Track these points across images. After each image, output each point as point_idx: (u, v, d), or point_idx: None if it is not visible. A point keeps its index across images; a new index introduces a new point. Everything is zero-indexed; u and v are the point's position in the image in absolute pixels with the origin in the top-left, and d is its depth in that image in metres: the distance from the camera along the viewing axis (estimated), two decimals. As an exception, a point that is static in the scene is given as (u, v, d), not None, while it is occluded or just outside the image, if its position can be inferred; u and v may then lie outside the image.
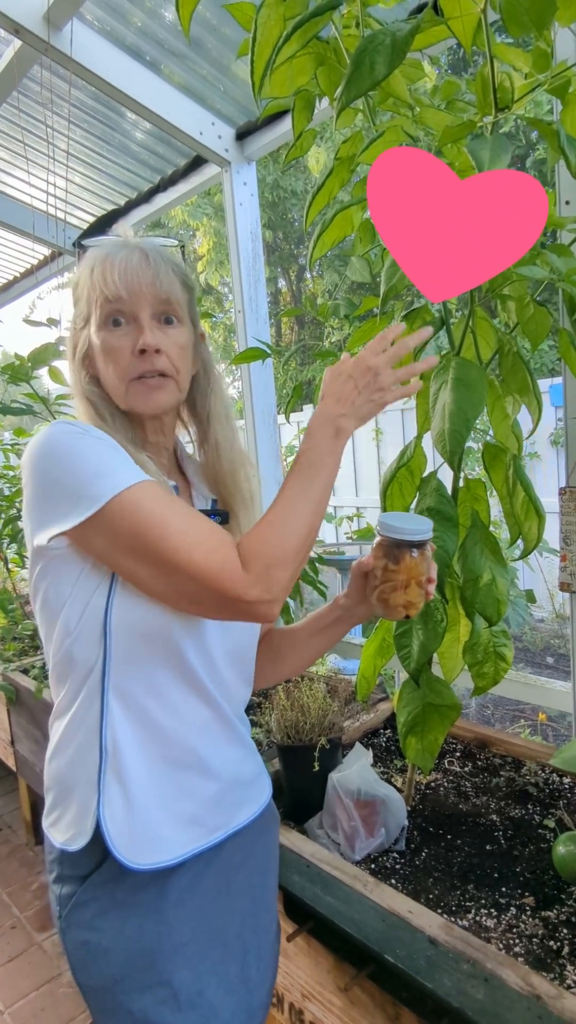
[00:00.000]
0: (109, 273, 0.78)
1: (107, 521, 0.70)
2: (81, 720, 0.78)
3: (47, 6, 1.59)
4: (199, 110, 2.01)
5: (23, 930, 2.11)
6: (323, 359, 1.66)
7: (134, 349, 0.79)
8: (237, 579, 0.71)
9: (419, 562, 0.83)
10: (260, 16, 0.83)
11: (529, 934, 0.98)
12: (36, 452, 0.74)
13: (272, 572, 0.72)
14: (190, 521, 0.73)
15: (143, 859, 0.77)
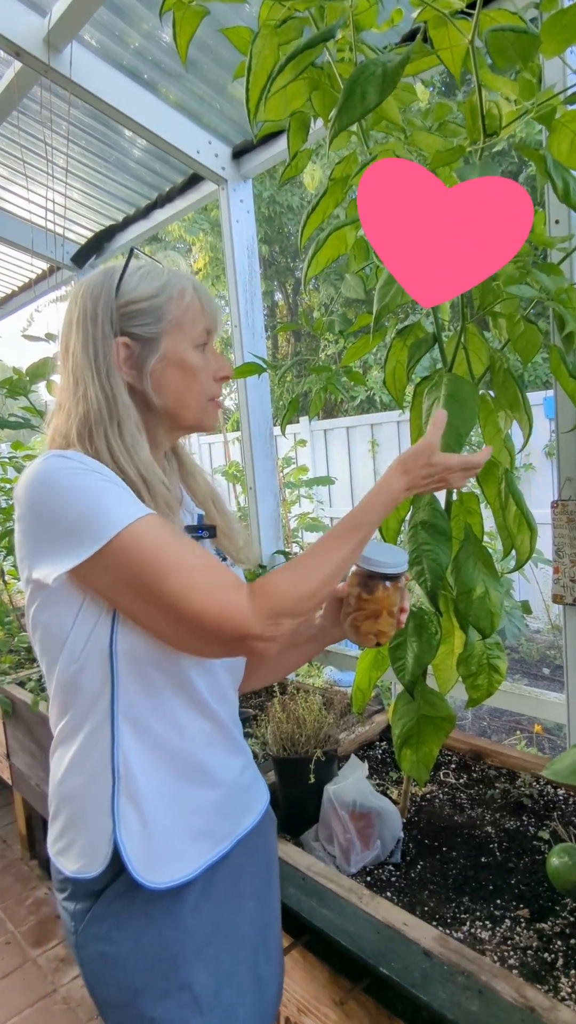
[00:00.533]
0: (210, 303, 0.86)
1: (108, 559, 0.70)
2: (91, 747, 0.78)
3: (47, 30, 1.63)
4: (196, 129, 2.04)
5: (17, 946, 2.10)
6: (318, 374, 1.68)
7: (215, 374, 0.86)
8: (239, 620, 0.72)
9: (391, 593, 0.86)
10: (255, 46, 0.86)
11: (524, 946, 0.99)
12: (32, 486, 0.73)
13: (282, 620, 0.75)
14: (190, 559, 0.72)
15: (162, 878, 0.78)
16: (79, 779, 0.80)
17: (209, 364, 0.86)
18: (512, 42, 0.71)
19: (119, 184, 2.55)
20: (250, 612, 0.73)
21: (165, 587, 0.70)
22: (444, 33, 0.85)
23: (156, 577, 0.70)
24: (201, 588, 0.71)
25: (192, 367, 0.84)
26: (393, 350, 1.28)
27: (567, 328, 1.00)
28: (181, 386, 0.84)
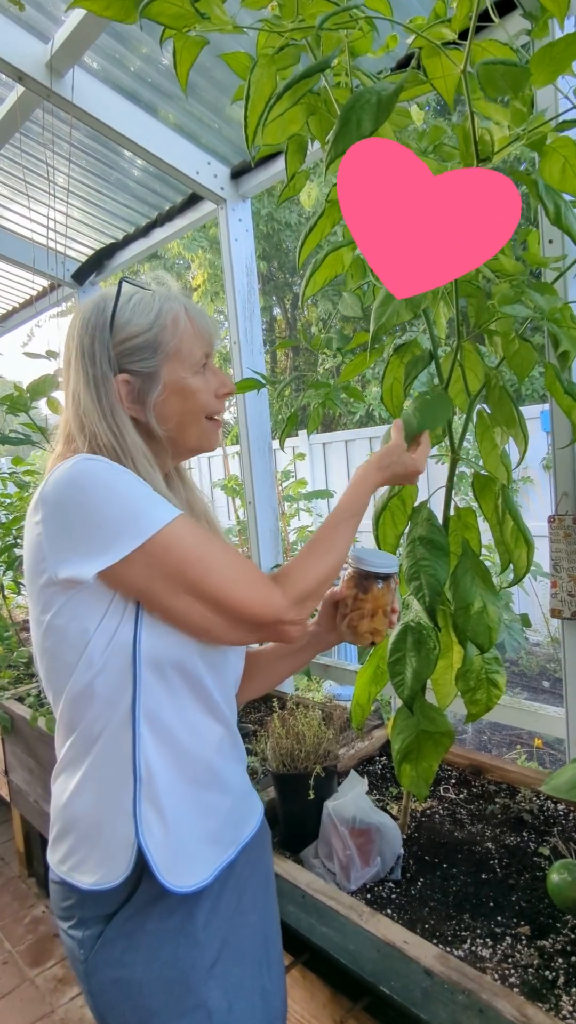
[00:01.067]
0: (205, 325, 0.87)
1: (149, 556, 0.72)
2: (111, 753, 0.78)
3: (49, 56, 1.66)
4: (195, 150, 2.08)
5: (15, 965, 2.07)
6: (316, 389, 1.70)
7: (216, 391, 0.88)
8: (276, 607, 0.80)
9: (385, 592, 0.94)
10: (253, 75, 0.88)
11: (524, 964, 0.98)
12: (66, 485, 0.73)
13: (307, 602, 0.84)
14: (227, 556, 0.78)
15: (184, 881, 0.78)
16: (95, 791, 0.80)
17: (209, 383, 0.88)
18: (503, 74, 0.73)
19: (119, 203, 2.59)
20: (283, 600, 0.81)
21: (210, 581, 0.75)
22: (437, 62, 0.87)
23: (201, 572, 0.75)
24: (243, 581, 0.78)
25: (192, 391, 0.85)
26: (390, 367, 1.30)
27: (561, 347, 1.01)
28: (182, 412, 0.86)
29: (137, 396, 0.83)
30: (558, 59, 0.74)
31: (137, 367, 0.82)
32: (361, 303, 1.40)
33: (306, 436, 6.57)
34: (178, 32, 0.85)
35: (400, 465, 0.98)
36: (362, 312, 1.42)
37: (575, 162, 0.85)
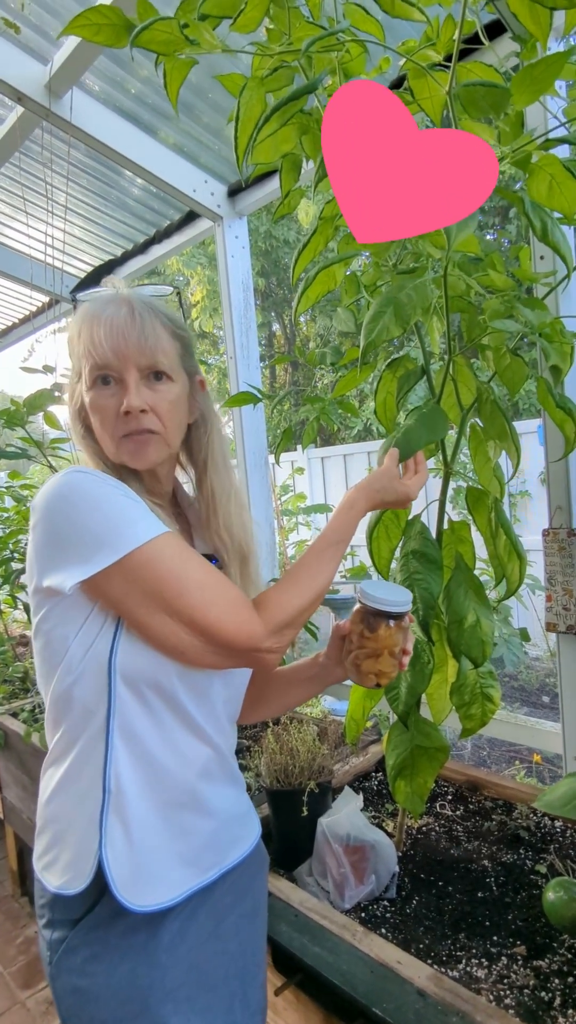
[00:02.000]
0: (96, 334, 0.79)
1: (127, 571, 0.72)
2: (84, 761, 0.78)
3: (48, 77, 1.69)
4: (192, 169, 2.10)
5: (6, 987, 2.04)
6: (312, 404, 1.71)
7: (119, 410, 0.80)
8: (251, 634, 0.77)
9: (394, 633, 0.86)
10: (243, 97, 0.90)
11: (520, 984, 0.97)
12: (54, 496, 0.74)
13: (286, 631, 0.81)
14: (208, 577, 0.77)
15: (143, 900, 0.77)
16: (69, 793, 0.80)
17: (110, 403, 0.81)
18: (484, 95, 0.74)
19: (118, 221, 2.62)
20: (260, 627, 0.78)
21: (186, 601, 0.74)
22: (424, 83, 0.89)
23: (178, 591, 0.73)
24: (219, 604, 0.76)
25: (92, 408, 0.82)
26: (383, 382, 1.31)
27: (551, 360, 1.02)
28: (95, 429, 0.84)
29: (72, 403, 0.86)
30: (539, 79, 0.75)
31: (72, 376, 0.85)
32: (355, 318, 1.42)
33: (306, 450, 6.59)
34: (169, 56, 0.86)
35: (391, 492, 0.96)
36: (356, 327, 1.43)
37: (561, 179, 0.86)
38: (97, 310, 0.81)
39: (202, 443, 0.95)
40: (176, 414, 0.86)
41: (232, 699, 0.92)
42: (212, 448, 0.95)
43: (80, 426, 0.86)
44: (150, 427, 0.81)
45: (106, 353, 0.79)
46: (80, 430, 0.86)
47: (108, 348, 0.79)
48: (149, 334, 0.81)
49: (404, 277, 1.07)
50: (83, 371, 0.81)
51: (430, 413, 1.07)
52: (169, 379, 0.84)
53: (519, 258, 1.30)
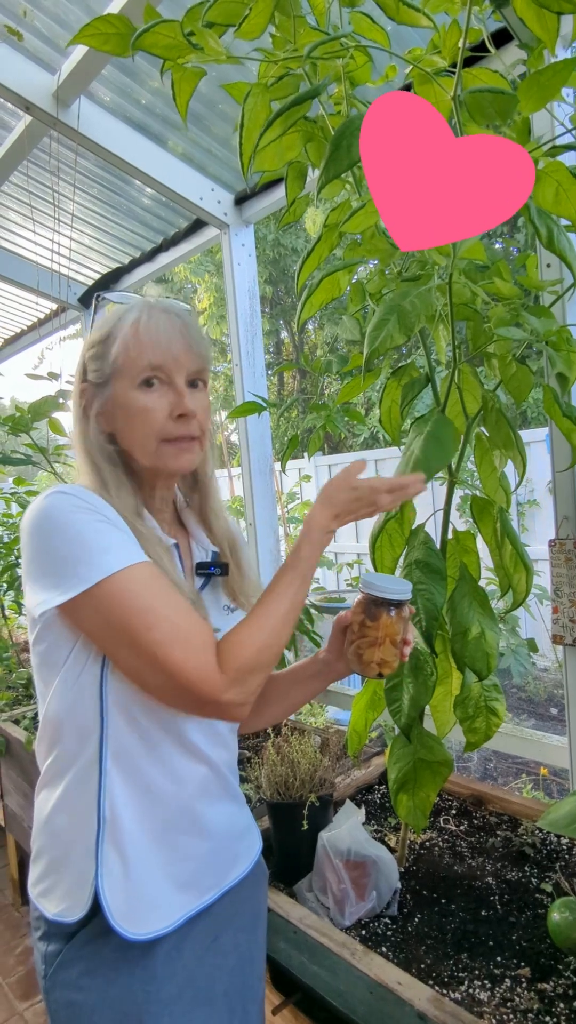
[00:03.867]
0: (151, 336, 0.79)
1: (96, 601, 0.70)
2: (78, 788, 0.77)
3: (56, 86, 1.70)
4: (199, 178, 2.11)
5: (4, 998, 2.02)
6: (317, 411, 1.70)
7: (171, 412, 0.80)
8: (213, 682, 0.72)
9: (395, 622, 0.86)
10: (247, 104, 0.89)
11: (524, 1008, 0.94)
12: (33, 521, 0.74)
13: (248, 678, 0.74)
14: (178, 615, 0.73)
15: (140, 928, 0.76)
16: (65, 819, 0.79)
17: (158, 404, 0.80)
18: (491, 101, 0.73)
19: (125, 229, 2.63)
20: (219, 676, 0.72)
21: (149, 637, 0.70)
22: (429, 90, 0.88)
23: (143, 626, 0.70)
24: (184, 645, 0.71)
25: (134, 409, 0.80)
26: (388, 390, 1.30)
27: (556, 368, 1.01)
28: (126, 429, 0.81)
29: (92, 403, 0.83)
30: (546, 86, 0.74)
31: (92, 376, 0.82)
32: (360, 326, 1.41)
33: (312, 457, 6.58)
34: (175, 64, 0.86)
35: (346, 490, 0.82)
36: (361, 335, 1.42)
37: (568, 186, 0.85)
38: (146, 315, 0.81)
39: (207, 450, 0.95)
40: (209, 421, 0.87)
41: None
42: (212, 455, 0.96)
43: (97, 431, 0.83)
44: (194, 432, 0.82)
45: (162, 355, 0.79)
46: (96, 435, 0.83)
47: (165, 350, 0.79)
48: (199, 341, 0.83)
49: (408, 285, 1.06)
50: (123, 372, 0.80)
51: (437, 428, 1.04)
52: (204, 387, 0.86)
53: (526, 266, 1.29)
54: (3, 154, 2.08)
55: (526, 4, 0.74)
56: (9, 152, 2.05)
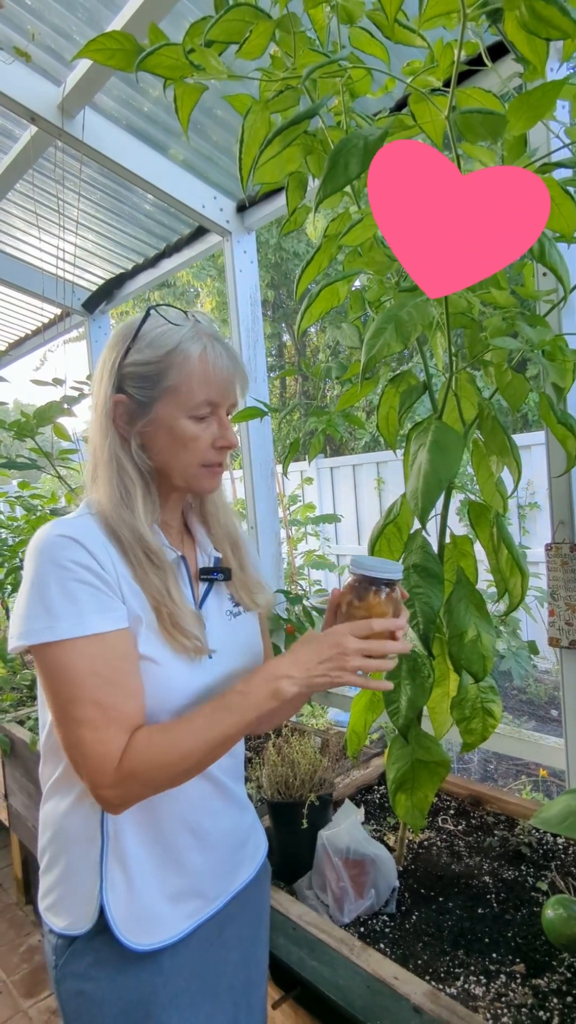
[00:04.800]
0: (217, 375, 0.81)
1: (39, 659, 0.73)
2: (83, 805, 0.79)
3: (61, 97, 1.73)
4: (202, 185, 2.14)
5: (9, 996, 2.04)
6: (317, 416, 1.72)
7: (215, 443, 0.83)
8: (100, 775, 0.71)
9: (383, 602, 0.83)
10: (247, 120, 0.92)
11: (518, 1003, 0.96)
12: (28, 554, 0.76)
13: (134, 786, 0.72)
14: (108, 697, 0.72)
15: (146, 939, 0.78)
16: (70, 835, 0.81)
17: (205, 434, 0.83)
18: (481, 122, 0.75)
19: (128, 235, 2.66)
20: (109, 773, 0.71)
21: (69, 712, 0.72)
22: (424, 107, 0.90)
23: (68, 699, 0.72)
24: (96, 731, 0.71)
25: (181, 436, 0.82)
26: (386, 396, 1.32)
27: (549, 378, 1.03)
28: (167, 452, 0.83)
29: (129, 418, 0.83)
30: (535, 106, 0.77)
31: (135, 392, 0.82)
32: (360, 333, 1.43)
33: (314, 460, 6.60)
34: (177, 81, 0.89)
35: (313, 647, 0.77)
36: (360, 342, 1.45)
37: (560, 201, 0.88)
38: (214, 346, 0.82)
39: None
40: None
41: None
42: None
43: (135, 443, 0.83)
44: (225, 461, 0.87)
45: (224, 392, 0.83)
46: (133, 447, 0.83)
47: (222, 385, 0.82)
48: (240, 379, 0.85)
49: (406, 295, 1.08)
50: (183, 400, 0.80)
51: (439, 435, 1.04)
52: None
53: (523, 275, 1.31)
54: (9, 163, 2.11)
55: (516, 29, 0.76)
56: (15, 162, 2.09)
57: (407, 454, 1.24)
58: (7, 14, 1.60)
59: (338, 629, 0.78)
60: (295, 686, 0.76)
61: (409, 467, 1.06)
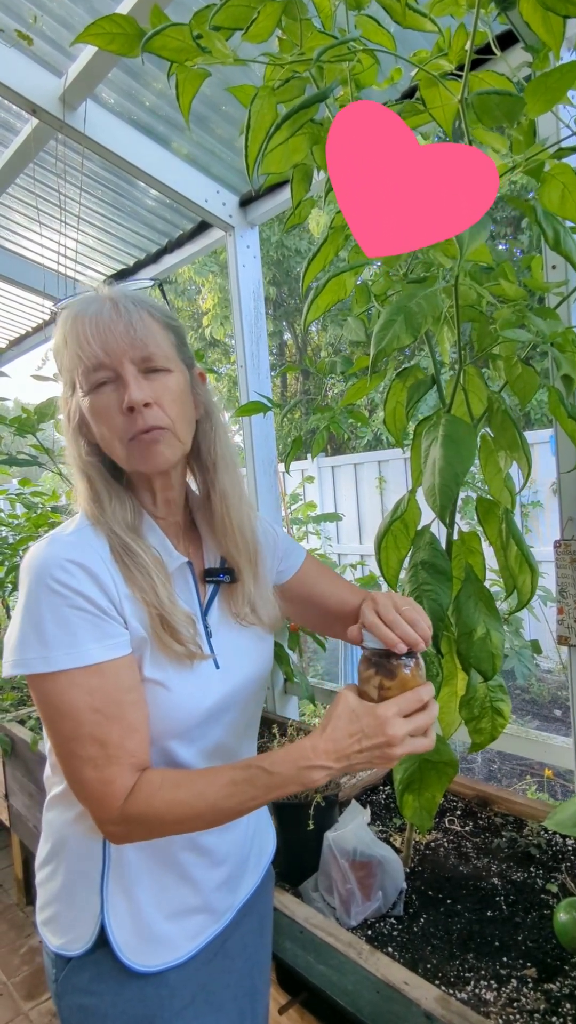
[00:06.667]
0: (82, 334, 0.74)
1: (34, 688, 0.70)
2: (83, 822, 0.77)
3: (63, 89, 1.71)
4: (205, 179, 2.12)
5: (9, 998, 2.02)
6: (321, 413, 1.70)
7: (122, 407, 0.74)
8: (105, 810, 0.69)
9: (419, 674, 0.73)
10: (254, 106, 0.90)
11: (531, 1009, 0.94)
12: (22, 572, 0.72)
13: (137, 830, 0.70)
14: (110, 733, 0.68)
15: (153, 961, 0.76)
16: (71, 847, 0.78)
17: (110, 402, 0.75)
18: (498, 103, 0.73)
19: (130, 231, 2.64)
20: (113, 809, 0.68)
21: (69, 747, 0.69)
22: (435, 93, 0.88)
23: (68, 733, 0.69)
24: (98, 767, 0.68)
25: (94, 415, 0.76)
26: (393, 391, 1.30)
27: (562, 370, 1.01)
28: (100, 438, 0.78)
29: (77, 420, 0.80)
30: (553, 88, 0.75)
31: (65, 389, 0.80)
32: (365, 328, 1.41)
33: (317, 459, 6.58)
34: (180, 65, 0.87)
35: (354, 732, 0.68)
36: (366, 337, 1.43)
37: (573, 188, 0.86)
38: (79, 312, 0.76)
39: (210, 441, 0.87)
40: (182, 406, 0.79)
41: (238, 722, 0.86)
42: (220, 445, 0.88)
43: (83, 443, 0.80)
44: (158, 423, 0.75)
45: (96, 351, 0.74)
46: (83, 449, 0.80)
47: (97, 346, 0.74)
48: (138, 325, 0.75)
49: (415, 286, 1.06)
50: (76, 379, 0.76)
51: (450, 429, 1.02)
52: (167, 371, 0.78)
53: (531, 268, 1.29)
54: (10, 157, 2.09)
55: (533, 8, 0.74)
56: (15, 155, 2.06)
57: (415, 449, 1.22)
58: (8, 2, 1.58)
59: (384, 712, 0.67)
60: (328, 777, 0.68)
61: (421, 463, 1.04)
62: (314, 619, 1.04)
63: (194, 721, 0.77)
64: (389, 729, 0.66)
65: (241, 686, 0.83)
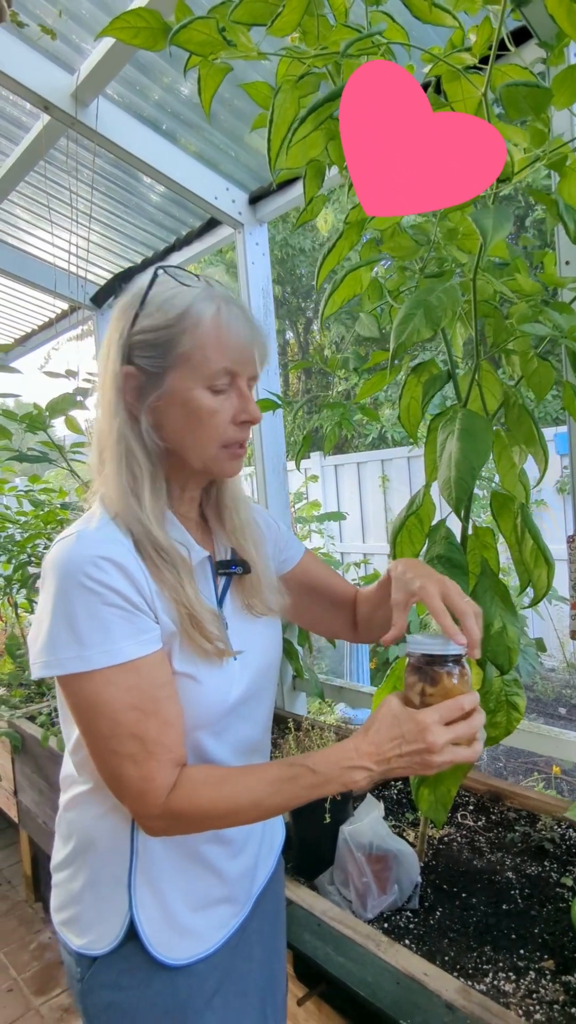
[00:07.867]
0: (234, 337, 0.74)
1: (68, 689, 0.69)
2: (108, 817, 0.77)
3: (75, 86, 1.71)
4: (214, 176, 2.12)
5: (20, 993, 2.03)
6: (331, 410, 1.71)
7: (235, 417, 0.76)
8: (147, 806, 0.69)
9: (464, 682, 0.72)
10: (277, 100, 0.90)
11: (550, 1000, 0.95)
12: (46, 570, 0.70)
13: (178, 825, 0.71)
14: (148, 730, 0.68)
15: (183, 954, 0.76)
16: (98, 846, 0.78)
17: (224, 407, 0.75)
18: (525, 96, 0.74)
19: (138, 228, 2.64)
20: (156, 805, 0.68)
21: (109, 745, 0.68)
22: (458, 86, 0.89)
23: (107, 731, 0.68)
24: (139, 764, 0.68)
25: (198, 410, 0.74)
26: (408, 386, 1.30)
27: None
28: (182, 429, 0.75)
29: (139, 393, 0.75)
30: (580, 81, 0.75)
31: (144, 363, 0.74)
32: (379, 324, 1.42)
33: (319, 458, 6.59)
34: (203, 59, 0.87)
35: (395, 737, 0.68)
36: (379, 333, 1.43)
37: (595, 181, 0.86)
38: (228, 308, 0.75)
39: None
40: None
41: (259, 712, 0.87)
42: None
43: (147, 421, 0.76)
44: (249, 437, 0.80)
45: (242, 358, 0.75)
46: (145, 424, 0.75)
47: (246, 353, 0.75)
48: (261, 345, 0.77)
49: (433, 280, 1.07)
50: (198, 369, 0.73)
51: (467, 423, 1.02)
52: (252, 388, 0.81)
53: (543, 264, 1.29)
54: (20, 154, 2.09)
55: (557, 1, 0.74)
56: (26, 152, 2.07)
57: (430, 444, 1.22)
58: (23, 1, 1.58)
59: (425, 719, 0.66)
60: (369, 781, 0.69)
61: (438, 458, 1.04)
62: (314, 611, 1.06)
63: (222, 712, 0.77)
64: (429, 736, 0.66)
65: (259, 674, 0.85)
